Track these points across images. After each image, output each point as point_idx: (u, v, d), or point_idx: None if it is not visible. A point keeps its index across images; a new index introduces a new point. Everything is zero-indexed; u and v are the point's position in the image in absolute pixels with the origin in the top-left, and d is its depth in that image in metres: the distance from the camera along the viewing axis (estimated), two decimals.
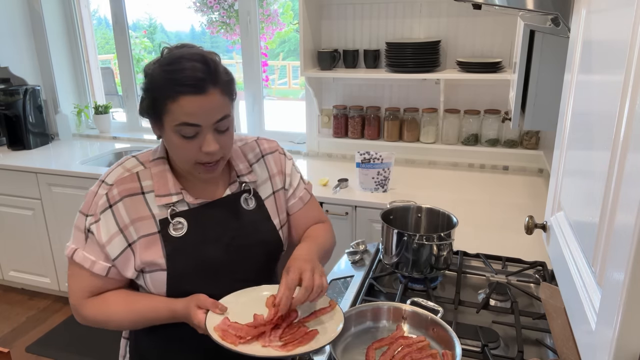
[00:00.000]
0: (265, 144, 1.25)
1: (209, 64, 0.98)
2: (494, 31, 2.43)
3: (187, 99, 0.96)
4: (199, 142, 1.00)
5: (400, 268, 1.39)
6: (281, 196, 1.23)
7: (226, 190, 1.14)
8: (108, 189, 1.06)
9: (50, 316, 2.97)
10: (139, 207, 1.06)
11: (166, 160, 1.10)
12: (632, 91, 0.48)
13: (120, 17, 3.24)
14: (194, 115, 0.97)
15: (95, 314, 1.08)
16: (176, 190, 1.07)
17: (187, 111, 0.97)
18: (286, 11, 4.06)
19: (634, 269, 0.43)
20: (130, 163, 1.10)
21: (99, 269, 1.05)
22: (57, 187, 2.77)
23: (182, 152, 1.02)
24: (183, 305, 1.03)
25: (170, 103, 0.97)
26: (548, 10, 0.88)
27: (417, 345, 1.03)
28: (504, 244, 1.74)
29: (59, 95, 3.36)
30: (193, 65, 0.96)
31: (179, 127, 0.98)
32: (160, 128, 1.03)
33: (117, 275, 1.07)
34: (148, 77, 1.00)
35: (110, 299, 1.08)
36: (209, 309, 1.01)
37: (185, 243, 1.06)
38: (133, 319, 1.08)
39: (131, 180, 1.07)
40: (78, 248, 1.06)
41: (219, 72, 1.00)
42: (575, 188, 0.73)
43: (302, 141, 3.00)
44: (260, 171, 1.20)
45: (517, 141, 2.48)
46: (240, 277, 1.12)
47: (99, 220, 1.04)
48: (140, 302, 1.08)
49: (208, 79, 0.97)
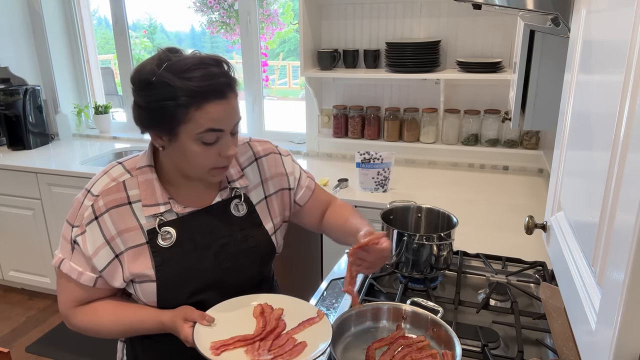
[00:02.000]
0: (258, 146, 1.22)
1: (229, 69, 0.99)
2: (494, 31, 2.43)
3: (213, 105, 0.95)
4: (218, 147, 1.00)
5: (400, 268, 1.39)
6: (278, 199, 1.21)
7: (216, 197, 1.12)
8: (94, 200, 1.04)
9: (50, 316, 2.97)
10: (125, 218, 1.04)
11: (153, 168, 1.08)
12: (632, 91, 0.48)
13: (120, 17, 3.24)
14: (219, 121, 0.97)
15: (84, 324, 1.08)
16: (164, 200, 1.06)
17: (213, 117, 0.96)
18: (286, 11, 4.06)
19: (634, 269, 0.43)
20: (116, 171, 1.08)
21: (86, 279, 1.05)
22: (57, 187, 2.78)
23: (200, 159, 1.00)
24: (170, 317, 1.02)
25: (194, 111, 0.94)
26: (548, 10, 0.88)
27: (417, 345, 1.03)
28: (504, 244, 1.74)
29: (59, 95, 3.36)
30: (214, 72, 0.95)
31: (202, 134, 0.97)
32: (172, 138, 0.99)
33: (105, 285, 1.06)
34: (160, 87, 0.94)
35: (99, 309, 1.08)
36: (196, 321, 1.00)
37: (175, 253, 1.05)
38: (122, 330, 1.08)
39: (117, 190, 1.05)
40: (65, 258, 1.06)
41: (234, 74, 1.01)
42: (575, 188, 0.73)
43: (302, 141, 3.00)
44: (252, 175, 1.18)
45: (517, 141, 2.48)
46: (232, 285, 1.11)
47: (85, 232, 1.03)
48: (128, 313, 1.07)
49: (228, 83, 0.97)
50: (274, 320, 1.04)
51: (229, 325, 1.02)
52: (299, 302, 1.11)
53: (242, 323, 1.03)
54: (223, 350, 0.96)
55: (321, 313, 1.06)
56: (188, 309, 1.02)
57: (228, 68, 0.99)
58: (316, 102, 2.78)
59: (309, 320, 1.05)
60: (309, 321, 1.05)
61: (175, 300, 1.06)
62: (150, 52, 5.55)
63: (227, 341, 0.98)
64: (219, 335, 0.99)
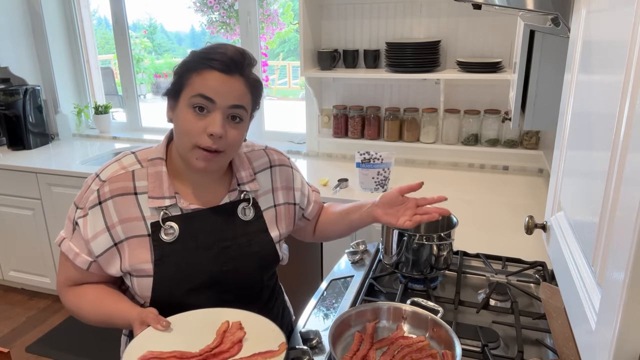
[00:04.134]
0: (274, 154, 1.22)
1: (244, 55, 1.02)
2: (494, 31, 2.43)
3: (211, 74, 0.98)
4: (206, 122, 0.99)
5: (400, 268, 1.39)
6: (285, 210, 1.21)
7: (225, 197, 1.11)
8: (100, 185, 1.05)
9: (50, 316, 2.97)
10: (129, 207, 1.04)
11: (164, 161, 1.08)
12: (632, 91, 0.48)
13: (120, 17, 3.24)
14: (212, 90, 0.98)
15: (70, 304, 1.10)
16: (170, 194, 1.05)
17: (207, 84, 0.98)
18: (286, 11, 4.06)
19: (634, 269, 0.43)
20: (127, 160, 1.09)
21: (81, 262, 1.05)
22: (57, 187, 2.78)
23: (187, 126, 0.99)
24: (134, 316, 0.99)
25: (194, 76, 0.99)
26: (548, 10, 0.88)
27: (417, 345, 1.03)
28: (504, 244, 1.74)
29: (59, 95, 3.36)
30: (228, 48, 1.00)
31: (194, 98, 0.99)
32: (175, 106, 1.03)
33: (99, 270, 1.07)
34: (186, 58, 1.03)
35: (85, 294, 1.08)
36: (151, 324, 0.96)
37: (175, 249, 1.04)
38: (98, 320, 1.06)
39: (125, 178, 1.05)
40: (66, 238, 1.07)
41: (251, 67, 1.04)
42: (575, 188, 0.73)
43: (302, 141, 3.01)
44: (263, 181, 1.18)
45: (517, 141, 2.48)
46: (230, 287, 1.10)
47: (87, 215, 1.03)
48: (106, 304, 1.06)
49: (238, 65, 1.00)
50: (229, 343, 0.96)
51: (183, 337, 0.96)
52: (271, 328, 1.00)
53: (199, 337, 0.97)
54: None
55: (283, 347, 0.95)
56: (148, 311, 0.98)
57: (250, 60, 1.03)
58: (316, 102, 2.78)
59: (267, 352, 0.94)
60: (266, 353, 0.94)
61: (170, 297, 1.05)
62: (150, 52, 5.54)
63: (162, 354, 0.91)
64: (162, 346, 0.93)
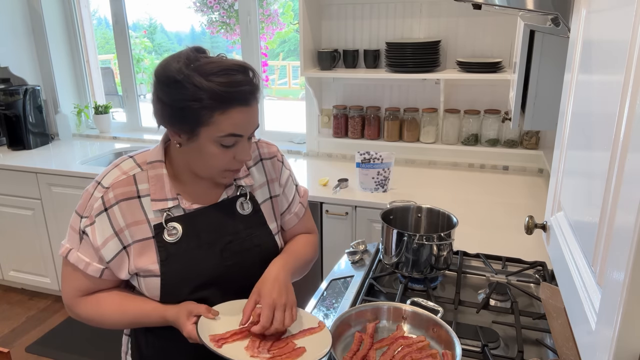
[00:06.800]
0: (265, 147, 1.25)
1: (254, 76, 1.01)
2: (494, 31, 2.43)
3: (237, 111, 0.98)
4: (234, 151, 1.02)
5: (400, 268, 1.39)
6: (278, 202, 1.23)
7: (222, 194, 1.14)
8: (104, 192, 1.05)
9: (50, 316, 2.97)
10: (134, 211, 1.05)
11: (164, 163, 1.09)
12: (632, 91, 0.48)
13: (120, 17, 3.24)
14: (241, 127, 1.00)
15: (88, 313, 1.09)
16: (172, 196, 1.07)
17: (235, 122, 0.98)
18: (286, 11, 4.06)
19: (634, 269, 0.43)
20: (127, 165, 1.09)
21: (93, 270, 1.06)
22: (57, 187, 2.77)
23: (216, 161, 1.02)
24: (173, 313, 1.04)
25: (218, 115, 0.96)
26: (548, 10, 0.88)
27: (417, 345, 1.03)
28: (504, 244, 1.74)
29: (59, 95, 3.36)
30: (243, 79, 0.98)
31: (222, 138, 0.99)
32: (192, 138, 1.00)
33: (111, 276, 1.08)
34: (187, 87, 0.94)
35: (104, 300, 1.09)
36: (202, 314, 1.02)
37: (180, 249, 1.06)
38: (126, 321, 1.09)
39: (127, 183, 1.06)
40: (72, 248, 1.07)
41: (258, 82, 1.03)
42: (575, 188, 0.73)
43: (302, 141, 3.01)
44: (258, 175, 1.20)
45: (517, 141, 2.48)
46: (234, 283, 1.12)
47: (94, 223, 1.04)
48: (132, 305, 1.08)
49: (252, 91, 0.99)
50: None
51: (228, 323, 1.04)
52: (300, 313, 1.11)
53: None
54: (223, 344, 0.98)
55: (322, 324, 1.08)
56: (192, 304, 1.04)
57: (253, 76, 1.01)
58: (316, 102, 2.78)
59: (310, 329, 1.07)
60: (309, 330, 1.07)
61: (177, 295, 1.07)
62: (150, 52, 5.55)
63: (224, 334, 1.01)
64: (217, 331, 1.02)
